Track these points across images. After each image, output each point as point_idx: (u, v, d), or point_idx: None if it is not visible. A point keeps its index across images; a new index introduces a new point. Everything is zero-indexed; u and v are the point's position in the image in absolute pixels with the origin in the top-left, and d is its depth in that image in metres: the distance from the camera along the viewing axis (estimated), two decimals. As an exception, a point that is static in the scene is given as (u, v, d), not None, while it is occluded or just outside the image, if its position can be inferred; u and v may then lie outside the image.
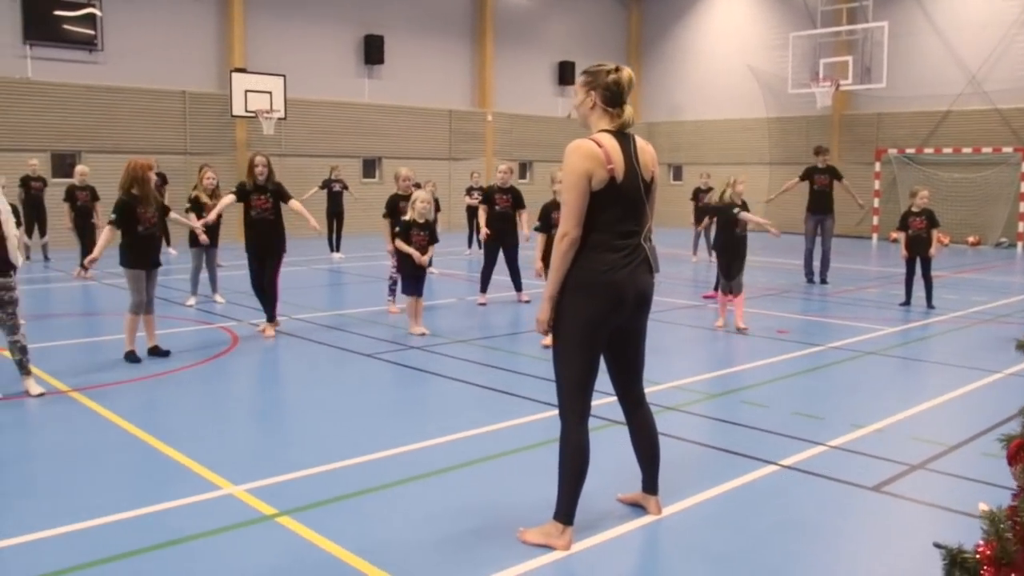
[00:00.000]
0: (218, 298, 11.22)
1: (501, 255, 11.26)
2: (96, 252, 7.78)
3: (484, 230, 11.24)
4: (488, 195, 11.42)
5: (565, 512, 3.92)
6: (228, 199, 9.01)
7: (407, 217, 9.21)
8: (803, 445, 5.52)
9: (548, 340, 8.22)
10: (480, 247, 17.83)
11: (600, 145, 3.76)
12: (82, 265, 13.72)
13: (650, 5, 29.17)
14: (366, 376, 7.50)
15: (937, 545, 1.88)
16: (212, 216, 9.58)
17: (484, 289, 11.40)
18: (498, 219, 11.20)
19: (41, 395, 6.56)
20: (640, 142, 3.94)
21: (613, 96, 3.87)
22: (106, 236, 7.81)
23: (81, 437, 5.66)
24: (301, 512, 4.32)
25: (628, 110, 3.90)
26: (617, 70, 3.88)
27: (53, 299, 11.85)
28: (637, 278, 3.87)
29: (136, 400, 6.64)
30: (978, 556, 1.74)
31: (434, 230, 9.42)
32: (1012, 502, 1.78)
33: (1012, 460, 1.78)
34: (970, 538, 1.97)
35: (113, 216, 7.75)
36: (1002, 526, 1.73)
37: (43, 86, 18.08)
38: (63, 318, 10.22)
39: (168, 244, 11.19)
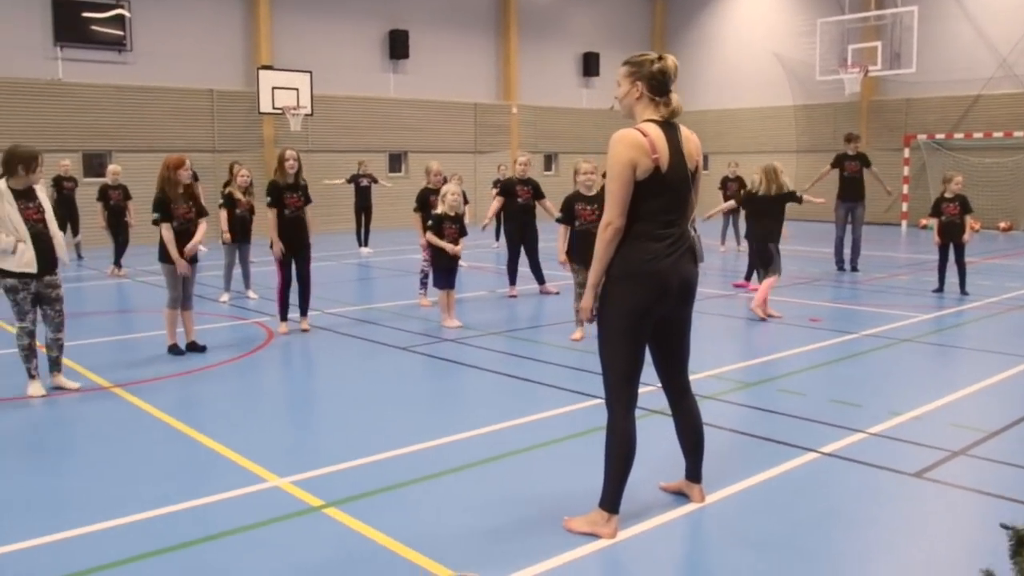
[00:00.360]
0: (251, 294, 11.34)
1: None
2: (174, 251, 7.82)
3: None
4: (508, 187, 11.39)
5: (611, 501, 3.96)
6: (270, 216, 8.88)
7: (439, 211, 9.27)
8: (842, 432, 5.52)
9: (578, 334, 8.38)
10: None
11: (645, 135, 3.78)
12: (116, 263, 14.01)
13: (674, -6, 29.04)
14: (401, 369, 7.57)
15: (1004, 526, 1.90)
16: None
17: (513, 281, 11.43)
18: (520, 211, 11.21)
19: (77, 390, 6.69)
20: (686, 131, 3.95)
21: (659, 85, 3.89)
22: (164, 234, 7.85)
23: (126, 432, 5.76)
24: (348, 503, 4.39)
25: (675, 98, 3.92)
26: (661, 59, 3.90)
27: (87, 297, 12.01)
28: (681, 267, 3.89)
29: (176, 395, 6.75)
30: (1046, 536, 1.76)
31: (463, 223, 9.48)
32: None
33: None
34: (1017, 522, 1.98)
35: (155, 215, 7.83)
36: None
37: (74, 87, 18.29)
38: (98, 316, 10.37)
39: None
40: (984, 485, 4.65)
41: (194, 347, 8.06)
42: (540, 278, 11.56)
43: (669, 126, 3.88)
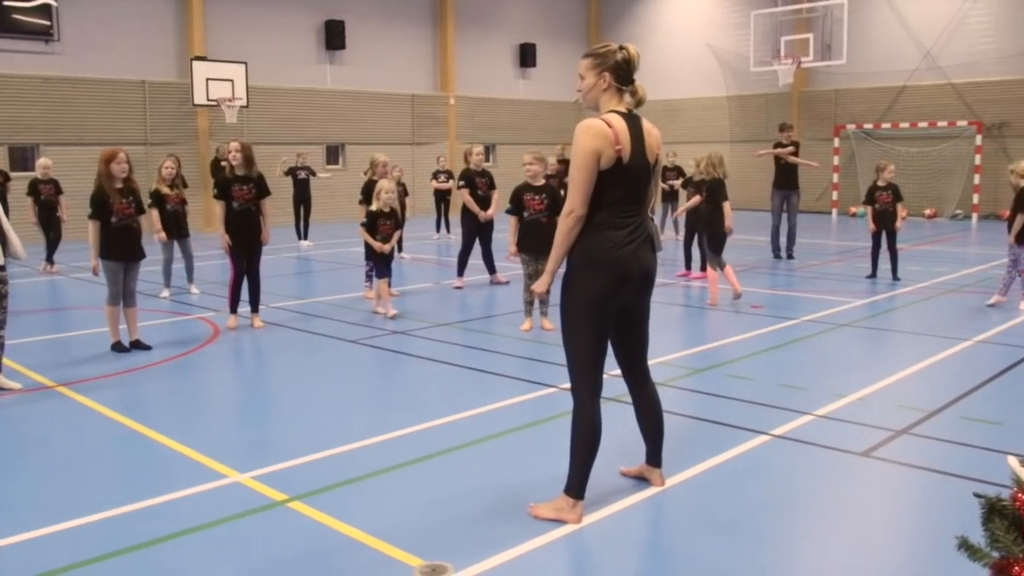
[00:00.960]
0: (193, 289, 11.15)
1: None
2: (92, 254, 7.70)
3: (482, 213, 11.08)
4: (469, 179, 11.24)
5: (577, 486, 4.03)
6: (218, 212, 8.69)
7: (373, 207, 9.32)
8: (791, 415, 5.69)
9: (527, 325, 8.45)
10: (448, 231, 17.93)
11: (610, 125, 3.85)
12: (49, 260, 13.64)
13: (608, -15, 29.25)
14: (353, 362, 7.54)
15: (977, 495, 2.00)
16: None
17: (461, 273, 11.42)
18: (480, 202, 11.17)
19: (19, 390, 6.51)
20: (647, 124, 4.03)
21: (625, 74, 3.98)
22: (89, 232, 7.67)
23: (76, 431, 5.65)
24: (313, 496, 4.38)
25: (640, 86, 4.00)
26: (623, 48, 3.98)
27: (21, 295, 11.65)
28: (641, 256, 3.98)
29: (124, 392, 6.63)
30: (1016, 504, 1.87)
31: (398, 216, 9.62)
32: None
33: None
34: (956, 497, 2.10)
35: (89, 210, 7.65)
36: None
37: (-2, 78, 17.72)
38: (34, 314, 10.09)
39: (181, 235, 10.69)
40: (928, 462, 4.84)
41: (138, 345, 7.90)
42: (492, 268, 11.62)
43: (632, 118, 3.96)
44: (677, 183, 16.03)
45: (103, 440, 5.46)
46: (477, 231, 11.27)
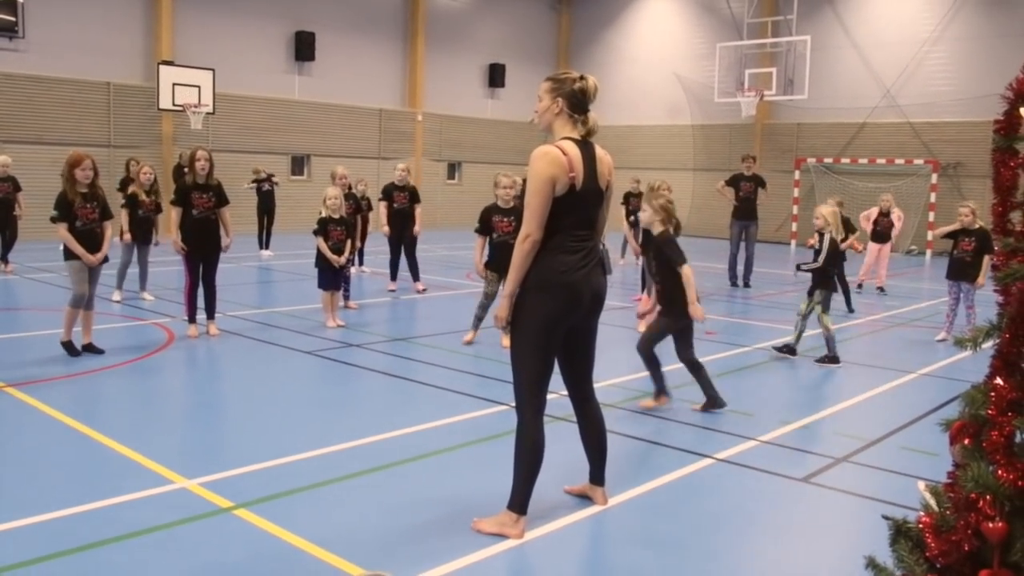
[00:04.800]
0: (146, 295, 11.06)
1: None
2: (77, 249, 7.53)
3: (385, 227, 12.23)
4: (387, 192, 12.35)
5: (520, 503, 4.09)
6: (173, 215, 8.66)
7: (322, 214, 9.48)
8: (736, 440, 5.80)
9: (470, 336, 8.50)
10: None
11: (565, 153, 3.94)
12: (3, 259, 13.45)
13: (580, 10, 29.58)
14: (307, 373, 7.55)
15: (885, 517, 2.10)
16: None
17: (393, 277, 12.59)
18: (397, 215, 12.21)
19: None
20: (600, 151, 4.13)
21: (579, 103, 4.05)
22: (61, 236, 7.55)
23: (22, 432, 5.61)
24: (258, 504, 4.40)
25: (593, 117, 4.09)
26: (583, 78, 4.07)
27: (-26, 293, 11.52)
28: (592, 279, 4.07)
29: (74, 395, 6.59)
30: (921, 525, 1.97)
31: (349, 224, 9.89)
32: (948, 479, 2.01)
33: (953, 440, 2.02)
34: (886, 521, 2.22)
35: (54, 213, 7.56)
36: (942, 499, 1.96)
37: (-41, 73, 17.51)
38: (-13, 313, 9.97)
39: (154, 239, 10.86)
40: (865, 489, 4.97)
41: (91, 349, 7.83)
42: (416, 275, 12.52)
43: (585, 144, 4.05)
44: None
45: (50, 441, 5.42)
46: (398, 240, 12.34)
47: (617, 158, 20.29)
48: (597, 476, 4.54)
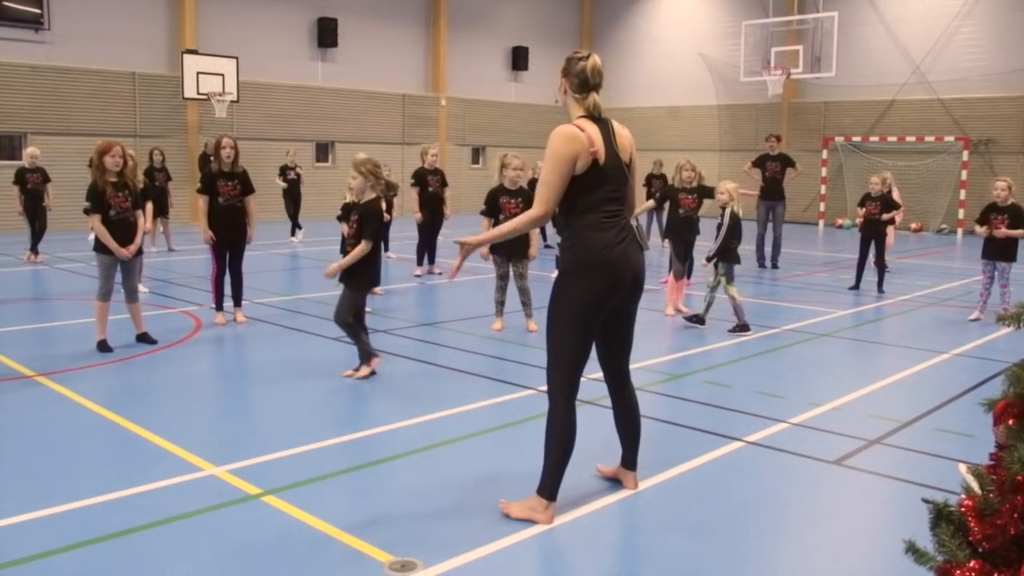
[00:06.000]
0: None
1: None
2: (109, 242, 7.47)
3: (418, 213, 12.27)
4: (420, 177, 12.36)
5: (550, 488, 4.06)
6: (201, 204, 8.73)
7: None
8: (766, 423, 5.74)
9: (498, 324, 8.49)
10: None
11: (582, 129, 3.90)
12: (33, 249, 13.59)
13: (603, -9, 29.36)
14: (333, 359, 7.54)
15: (925, 500, 2.05)
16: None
17: (420, 263, 12.68)
18: (431, 199, 12.26)
19: None
20: (617, 126, 4.08)
21: (581, 83, 4.03)
22: (94, 227, 7.51)
23: (54, 421, 5.65)
24: (286, 491, 4.40)
25: (593, 97, 4.03)
26: (587, 58, 4.03)
27: (2, 284, 11.64)
28: (631, 257, 4.01)
29: (105, 384, 6.63)
30: (963, 509, 1.91)
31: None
32: (991, 461, 1.95)
33: (997, 420, 1.95)
34: (922, 505, 2.17)
35: (87, 204, 7.54)
36: (985, 482, 1.90)
37: (-14, 66, 17.65)
38: (16, 303, 10.07)
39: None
40: (899, 472, 4.90)
41: (145, 339, 7.82)
42: (432, 259, 12.76)
43: (600, 121, 4.00)
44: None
45: (81, 430, 5.46)
46: (430, 225, 12.48)
47: (642, 139, 20.27)
48: (629, 460, 4.50)
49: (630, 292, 4.08)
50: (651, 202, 11.76)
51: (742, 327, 8.80)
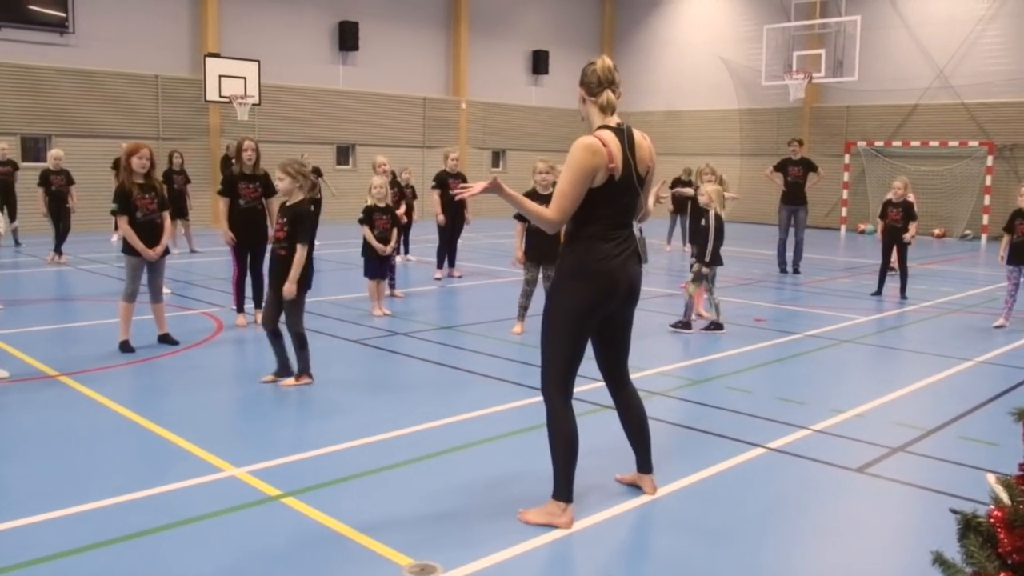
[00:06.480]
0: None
1: None
2: (136, 242, 7.49)
3: (440, 216, 12.29)
4: (442, 180, 12.32)
5: (563, 490, 4.05)
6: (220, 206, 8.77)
7: (368, 202, 9.56)
8: (787, 429, 5.69)
9: (518, 328, 8.48)
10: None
11: (605, 144, 3.88)
12: (57, 250, 13.71)
13: (623, -5, 29.33)
14: (352, 362, 7.57)
15: (953, 511, 2.01)
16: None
17: (440, 265, 12.66)
18: (452, 203, 12.20)
19: (5, 379, 6.54)
20: (638, 136, 4.05)
21: (590, 85, 4.03)
22: (121, 228, 7.57)
23: (76, 421, 5.69)
24: (306, 493, 4.40)
25: (607, 94, 3.99)
26: (593, 62, 4.06)
27: (26, 284, 11.75)
28: (628, 268, 4.04)
29: (127, 384, 6.67)
30: (992, 520, 1.88)
31: (395, 213, 9.99)
32: (1020, 471, 1.92)
33: (1029, 429, 1.92)
34: (946, 515, 2.13)
35: (114, 206, 7.58)
36: (1014, 492, 1.87)
37: (12, 68, 17.83)
38: (39, 303, 10.14)
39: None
40: (923, 480, 4.84)
41: (167, 339, 7.88)
42: (453, 262, 12.84)
43: (621, 131, 3.97)
44: (688, 191, 15.87)
45: (102, 430, 5.49)
46: (451, 229, 12.56)
47: (662, 143, 20.32)
48: (644, 464, 4.48)
49: (624, 301, 4.11)
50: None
51: (685, 324, 9.00)
